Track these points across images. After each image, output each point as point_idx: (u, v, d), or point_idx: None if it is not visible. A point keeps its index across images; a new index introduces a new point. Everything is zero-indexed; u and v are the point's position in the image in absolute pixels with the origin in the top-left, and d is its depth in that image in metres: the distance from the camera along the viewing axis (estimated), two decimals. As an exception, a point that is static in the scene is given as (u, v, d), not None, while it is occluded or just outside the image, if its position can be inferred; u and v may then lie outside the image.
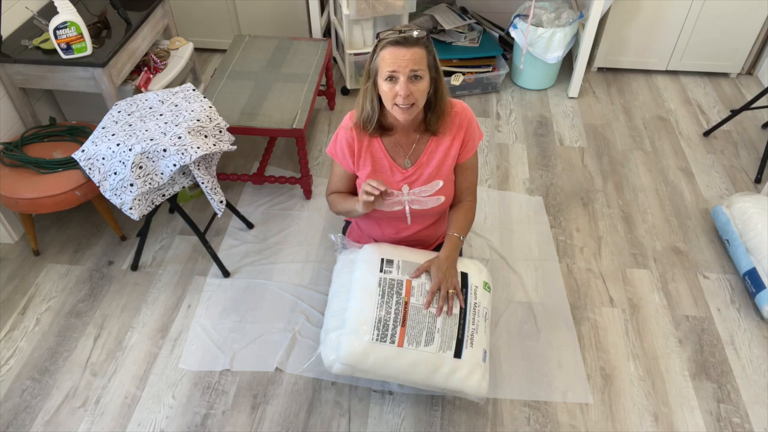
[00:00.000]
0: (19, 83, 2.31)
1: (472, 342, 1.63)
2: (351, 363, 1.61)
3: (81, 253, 2.37)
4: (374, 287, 1.65)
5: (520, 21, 3.08)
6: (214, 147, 1.99)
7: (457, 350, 1.61)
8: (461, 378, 1.61)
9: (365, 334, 1.59)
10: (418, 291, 1.65)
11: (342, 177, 1.77)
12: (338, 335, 1.63)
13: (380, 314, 1.61)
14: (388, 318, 1.60)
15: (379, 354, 1.59)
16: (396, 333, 1.59)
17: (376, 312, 1.61)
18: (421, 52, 1.48)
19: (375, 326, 1.59)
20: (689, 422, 1.83)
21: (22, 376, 1.95)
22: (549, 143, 2.93)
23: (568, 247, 2.39)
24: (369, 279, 1.67)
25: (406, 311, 1.62)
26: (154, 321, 2.12)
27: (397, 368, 1.61)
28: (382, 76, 1.51)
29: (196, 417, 1.84)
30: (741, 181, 2.70)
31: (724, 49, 3.26)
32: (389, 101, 1.54)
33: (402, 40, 1.47)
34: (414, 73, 1.49)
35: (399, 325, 1.60)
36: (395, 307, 1.62)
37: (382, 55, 1.49)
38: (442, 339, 1.60)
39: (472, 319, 1.66)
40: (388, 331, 1.59)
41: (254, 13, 3.38)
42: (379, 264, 1.70)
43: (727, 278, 2.27)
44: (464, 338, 1.62)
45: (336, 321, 1.68)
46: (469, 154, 1.72)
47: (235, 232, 2.45)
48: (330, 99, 3.12)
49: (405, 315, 1.61)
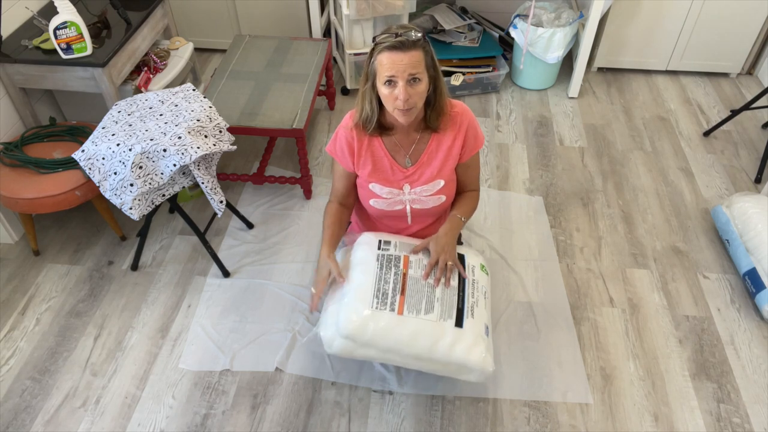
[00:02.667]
0: (19, 83, 2.31)
1: (472, 313, 1.63)
2: (351, 334, 1.58)
3: (81, 253, 2.37)
4: (372, 262, 1.67)
5: (520, 21, 3.08)
6: (214, 147, 1.99)
7: (458, 319, 1.61)
8: (464, 349, 1.58)
9: (365, 303, 1.59)
10: (416, 264, 1.67)
11: (342, 176, 1.77)
12: (337, 308, 1.63)
13: (379, 285, 1.62)
14: (387, 287, 1.62)
15: (379, 323, 1.57)
16: (395, 301, 1.60)
17: (375, 283, 1.62)
18: (418, 54, 1.48)
19: (374, 295, 1.60)
20: (689, 422, 1.83)
21: (22, 376, 1.95)
22: (549, 143, 2.93)
23: (568, 247, 2.39)
24: (367, 256, 1.69)
25: (405, 281, 1.63)
26: (154, 321, 2.12)
27: (398, 339, 1.57)
28: (380, 81, 1.51)
29: (196, 417, 1.84)
30: (741, 181, 2.70)
31: (724, 49, 3.26)
32: (390, 105, 1.54)
33: (399, 44, 1.46)
34: (412, 77, 1.48)
35: (398, 293, 1.61)
36: (394, 278, 1.64)
37: (380, 59, 1.49)
38: (442, 308, 1.61)
39: (472, 293, 1.67)
40: (387, 299, 1.60)
41: (254, 13, 3.38)
42: (377, 244, 1.73)
43: (727, 278, 2.27)
44: (464, 308, 1.63)
45: (334, 301, 1.68)
46: (471, 154, 1.72)
47: (235, 232, 2.45)
48: (330, 99, 3.12)
49: (404, 285, 1.63)
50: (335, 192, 1.82)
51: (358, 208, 1.90)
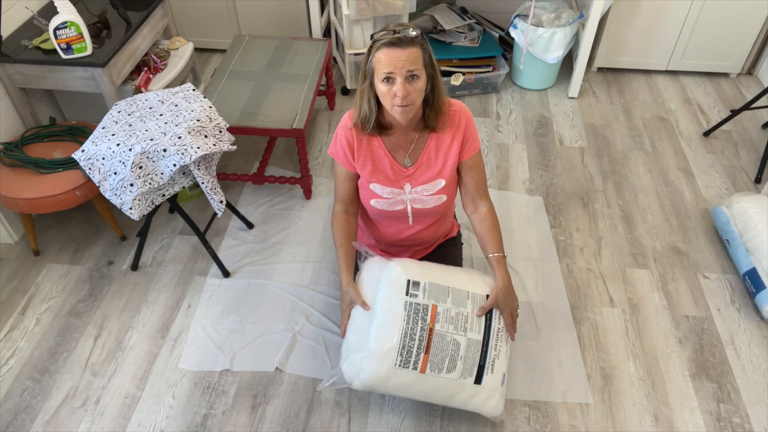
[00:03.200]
0: (19, 83, 2.31)
1: (492, 368, 1.63)
2: (371, 385, 1.62)
3: (81, 253, 2.37)
4: (399, 311, 1.60)
5: (520, 21, 3.08)
6: (214, 147, 1.99)
7: (477, 377, 1.61)
8: (479, 402, 1.63)
9: (388, 360, 1.58)
10: (444, 317, 1.61)
11: (345, 178, 1.76)
12: (361, 358, 1.61)
13: (404, 341, 1.58)
14: (412, 345, 1.58)
15: (400, 379, 1.59)
16: (419, 360, 1.58)
17: (400, 338, 1.58)
18: (416, 51, 1.48)
19: (399, 352, 1.58)
20: (689, 422, 1.83)
21: (22, 376, 1.95)
22: (549, 143, 2.93)
23: (568, 247, 2.39)
24: (394, 302, 1.62)
25: (431, 338, 1.59)
26: (154, 321, 2.12)
27: (418, 392, 1.62)
28: (378, 78, 1.51)
29: (196, 417, 1.84)
30: (741, 181, 2.70)
31: (724, 49, 3.26)
32: (388, 102, 1.54)
33: (397, 41, 1.46)
34: (411, 73, 1.48)
35: (423, 352, 1.58)
36: (420, 334, 1.59)
37: (378, 56, 1.49)
38: (464, 366, 1.60)
39: (495, 345, 1.65)
40: (411, 358, 1.58)
41: (254, 13, 3.38)
42: (405, 286, 1.64)
43: (727, 278, 2.27)
44: (485, 365, 1.62)
45: (358, 340, 1.64)
46: (471, 153, 1.71)
47: (235, 232, 2.45)
48: (330, 99, 3.12)
49: (429, 342, 1.59)
50: (340, 198, 1.80)
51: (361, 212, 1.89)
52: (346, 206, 1.80)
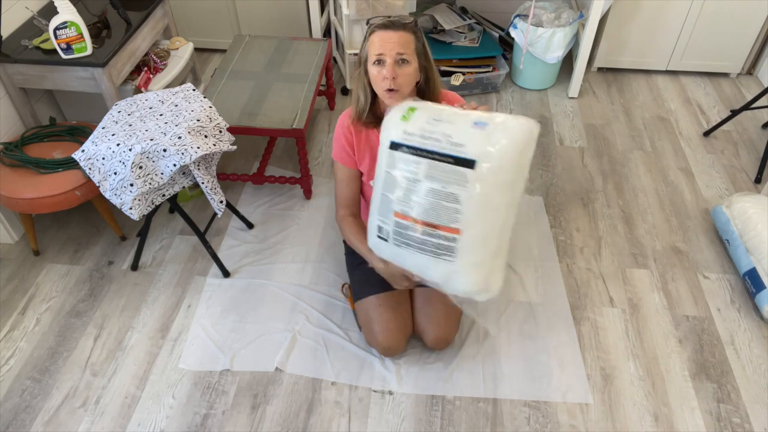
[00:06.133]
0: (19, 83, 2.31)
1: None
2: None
3: (81, 253, 2.37)
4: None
5: (520, 21, 3.08)
6: (214, 147, 1.99)
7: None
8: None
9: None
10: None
11: (349, 180, 1.76)
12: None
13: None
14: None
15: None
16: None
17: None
18: (408, 36, 1.52)
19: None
20: (689, 422, 1.83)
21: (22, 376, 1.95)
22: (549, 143, 2.93)
23: (568, 247, 2.39)
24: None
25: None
26: (154, 321, 2.12)
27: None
28: (370, 61, 1.54)
29: (196, 417, 1.84)
30: (741, 181, 2.70)
31: (724, 49, 3.26)
32: (378, 86, 1.56)
33: (389, 23, 1.51)
34: (401, 57, 1.51)
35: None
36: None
37: (371, 39, 1.53)
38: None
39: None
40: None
41: (254, 13, 3.38)
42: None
43: (727, 278, 2.27)
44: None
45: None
46: None
47: (235, 232, 2.45)
48: (330, 99, 3.12)
49: None
50: (344, 202, 1.80)
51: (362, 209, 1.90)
52: (352, 209, 1.81)
